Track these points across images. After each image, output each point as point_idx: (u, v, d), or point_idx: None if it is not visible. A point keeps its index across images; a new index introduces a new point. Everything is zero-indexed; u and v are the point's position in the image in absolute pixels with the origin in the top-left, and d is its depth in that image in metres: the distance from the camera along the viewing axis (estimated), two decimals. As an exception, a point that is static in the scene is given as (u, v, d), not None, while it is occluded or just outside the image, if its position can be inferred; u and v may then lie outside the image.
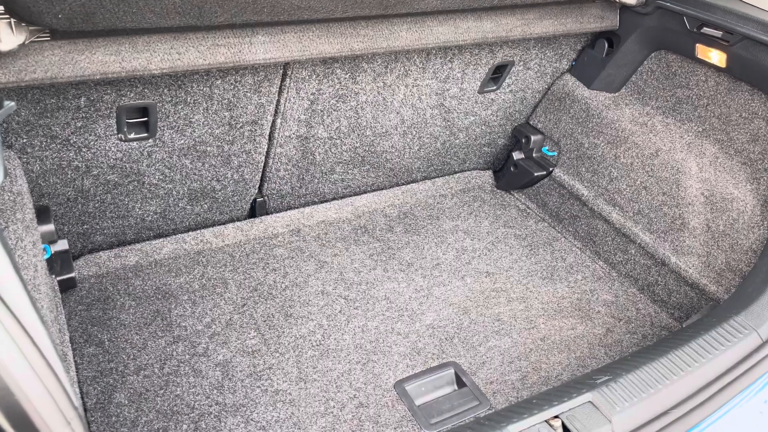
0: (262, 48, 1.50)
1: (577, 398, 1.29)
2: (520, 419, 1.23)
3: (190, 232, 2.08)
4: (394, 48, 1.69)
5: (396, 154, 2.25)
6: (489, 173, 2.61)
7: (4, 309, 0.71)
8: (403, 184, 2.45)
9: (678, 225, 1.95)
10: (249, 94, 1.71)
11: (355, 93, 1.89)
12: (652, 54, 2.06)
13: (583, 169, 2.26)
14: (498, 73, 2.14)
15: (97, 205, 1.81)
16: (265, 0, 1.31)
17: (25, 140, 1.51)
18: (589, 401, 1.29)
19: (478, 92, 2.17)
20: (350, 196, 2.34)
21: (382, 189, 2.40)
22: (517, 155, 2.46)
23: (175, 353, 1.70)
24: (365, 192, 2.37)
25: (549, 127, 2.36)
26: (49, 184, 1.66)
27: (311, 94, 1.81)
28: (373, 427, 1.57)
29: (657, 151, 2.01)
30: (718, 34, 1.74)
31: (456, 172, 2.56)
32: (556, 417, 1.27)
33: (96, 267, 1.93)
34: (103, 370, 1.63)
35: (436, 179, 2.51)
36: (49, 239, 1.66)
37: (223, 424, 1.54)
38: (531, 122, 2.44)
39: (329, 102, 1.87)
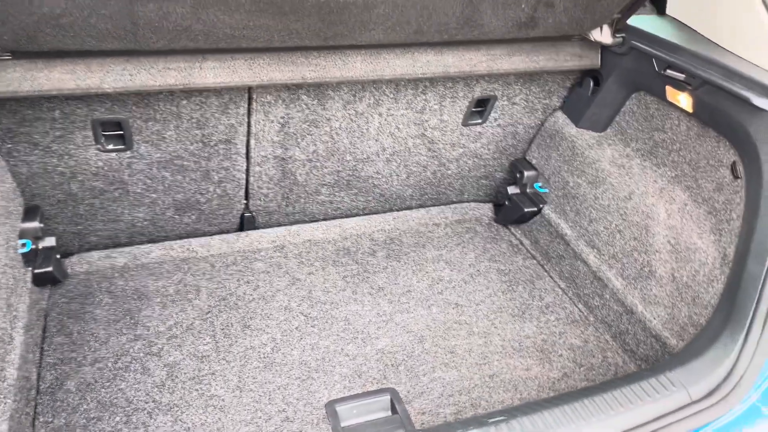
0: (212, 73, 1.62)
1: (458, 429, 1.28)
2: None
3: (179, 240, 2.23)
4: (348, 78, 1.76)
5: (383, 180, 2.30)
6: (489, 206, 2.60)
7: None
8: (396, 210, 2.48)
9: (646, 272, 1.86)
10: (217, 115, 1.83)
11: (327, 119, 1.97)
12: (633, 95, 1.99)
13: (568, 208, 2.20)
14: (482, 107, 2.15)
15: (87, 208, 1.99)
16: (198, 28, 1.43)
17: (10, 145, 1.71)
18: (470, 437, 1.28)
19: (462, 125, 2.18)
20: (340, 218, 2.41)
21: (374, 213, 2.45)
22: (512, 189, 2.43)
23: (131, 350, 1.83)
24: (356, 215, 2.43)
25: (541, 163, 2.33)
26: (39, 186, 1.86)
27: (281, 118, 1.91)
28: None
29: (630, 195, 1.93)
30: (682, 77, 1.67)
31: (453, 203, 2.56)
32: (430, 450, 1.27)
33: (87, 265, 2.11)
34: (64, 358, 1.79)
35: (431, 208, 2.53)
36: (34, 235, 1.85)
37: (152, 420, 1.64)
38: (527, 157, 2.41)
39: (301, 126, 1.96)
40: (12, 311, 1.61)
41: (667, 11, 1.90)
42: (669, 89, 1.75)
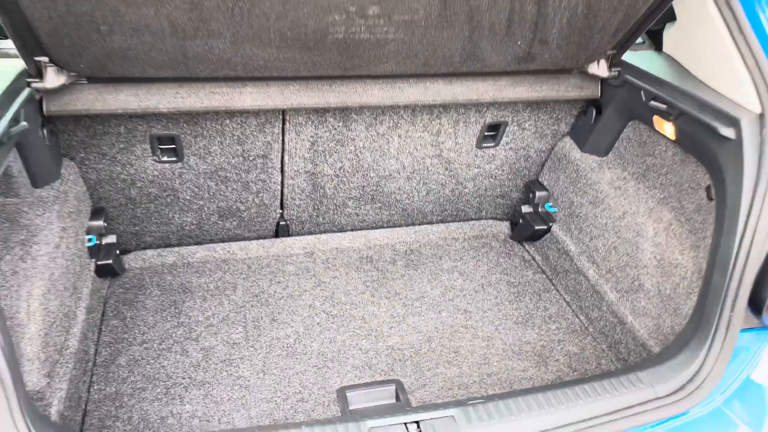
0: (250, 97, 1.90)
1: (443, 411, 1.47)
2: (382, 418, 1.44)
3: (221, 243, 2.51)
4: (367, 104, 2.01)
5: (405, 196, 2.53)
6: (505, 224, 2.78)
7: None
8: (418, 225, 2.70)
9: (636, 286, 2.02)
10: (255, 133, 2.11)
11: (351, 139, 2.22)
12: (629, 123, 2.16)
13: (573, 226, 2.37)
14: (494, 131, 2.36)
15: (143, 211, 2.30)
16: (237, 60, 1.71)
17: (82, 155, 2.03)
18: (452, 416, 1.47)
19: (476, 147, 2.39)
20: (365, 229, 2.65)
21: (397, 227, 2.68)
22: (525, 209, 2.62)
23: (174, 335, 2.11)
24: (380, 228, 2.66)
25: (552, 184, 2.51)
26: (104, 191, 2.18)
27: (310, 137, 2.18)
28: (302, 417, 1.84)
29: (624, 214, 2.09)
30: (664, 107, 1.84)
31: (472, 219, 2.76)
32: (416, 423, 1.47)
33: (141, 261, 2.42)
34: (118, 338, 2.08)
35: (450, 223, 2.73)
36: (98, 232, 2.17)
37: (187, 393, 1.90)
38: (540, 179, 2.59)
39: (328, 144, 2.22)
40: (77, 293, 1.91)
41: (663, 49, 2.08)
42: (656, 118, 1.92)
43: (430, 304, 2.33)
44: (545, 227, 2.53)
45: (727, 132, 1.59)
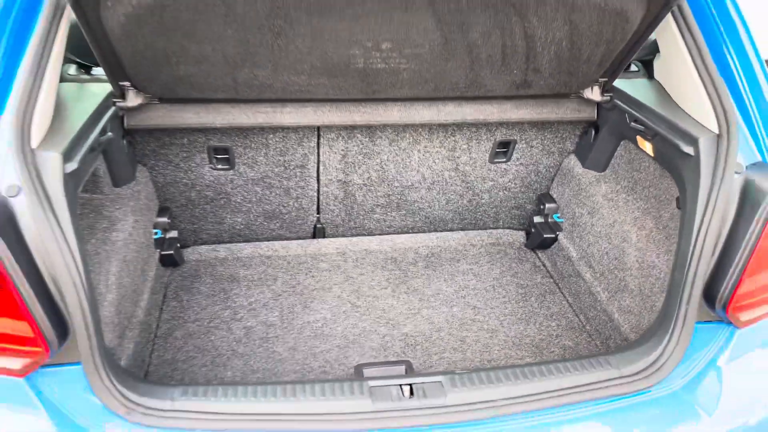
0: (289, 116, 2.28)
1: (433, 378, 1.77)
2: (381, 380, 1.75)
3: (266, 242, 2.89)
4: (388, 122, 2.35)
5: (427, 204, 2.85)
6: (521, 233, 3.05)
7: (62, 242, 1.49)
8: (439, 231, 3.01)
9: (622, 286, 2.26)
10: (294, 146, 2.49)
11: (377, 152, 2.57)
12: (621, 142, 2.41)
13: (575, 234, 2.63)
14: (505, 148, 2.66)
15: (201, 212, 2.71)
16: (277, 86, 2.09)
17: (153, 162, 2.46)
18: (440, 381, 1.76)
19: (490, 162, 2.69)
20: (392, 234, 2.97)
21: (420, 233, 2.99)
22: (537, 219, 2.88)
23: (221, 316, 2.49)
24: (405, 233, 2.98)
25: (559, 197, 2.78)
26: (169, 192, 2.59)
27: (341, 150, 2.54)
28: None
29: (614, 223, 2.34)
30: (642, 128, 2.10)
31: (490, 228, 3.05)
32: (409, 385, 1.77)
33: (198, 255, 2.82)
34: (175, 316, 2.48)
35: (470, 231, 3.03)
36: (163, 227, 2.58)
37: (230, 362, 2.26)
38: (550, 191, 2.86)
39: (357, 157, 2.57)
40: (144, 275, 2.32)
41: (654, 76, 2.33)
42: (639, 138, 2.17)
43: (444, 299, 2.62)
44: (553, 236, 2.79)
45: (688, 149, 1.84)
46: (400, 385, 1.76)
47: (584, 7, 1.82)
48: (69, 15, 1.68)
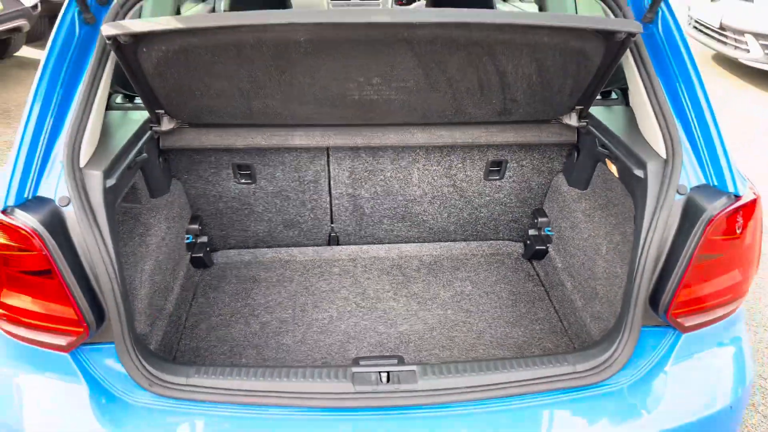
0: (300, 139, 2.62)
1: (408, 367, 2.05)
2: (363, 367, 2.05)
3: (285, 248, 3.24)
4: (387, 144, 2.66)
5: (430, 217, 3.14)
6: (519, 245, 3.30)
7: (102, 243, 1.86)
8: (443, 241, 3.29)
9: (594, 294, 2.49)
10: (307, 164, 2.83)
11: (381, 170, 2.88)
12: (598, 164, 2.64)
13: (561, 246, 2.87)
14: (498, 167, 2.92)
15: (227, 220, 3.08)
16: (287, 113, 2.43)
17: (185, 176, 2.84)
18: (414, 370, 2.04)
19: (485, 179, 2.96)
20: (399, 242, 3.27)
21: (425, 242, 3.28)
22: (531, 232, 3.13)
23: (241, 312, 2.84)
24: (411, 242, 3.28)
25: (550, 212, 3.02)
26: (200, 203, 2.97)
27: (349, 167, 2.86)
28: None
29: (589, 236, 2.58)
30: (606, 152, 2.33)
31: (490, 239, 3.31)
32: (387, 372, 2.05)
33: (225, 258, 3.19)
34: (202, 311, 2.84)
35: (471, 242, 3.29)
36: (194, 233, 2.96)
37: (245, 351, 2.60)
38: (543, 207, 3.10)
39: (363, 173, 2.89)
40: (175, 274, 2.70)
41: (630, 103, 2.55)
42: (607, 161, 2.41)
43: (440, 303, 2.90)
44: (544, 248, 3.03)
45: (639, 172, 2.08)
46: (379, 372, 2.06)
47: (546, 48, 2.09)
48: (114, 56, 2.07)
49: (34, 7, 7.96)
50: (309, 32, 1.93)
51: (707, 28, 8.71)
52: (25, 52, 9.08)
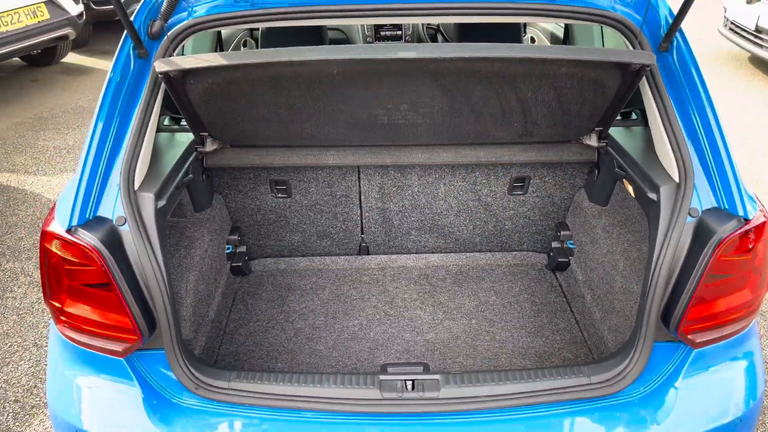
0: (332, 158, 2.79)
1: (431, 375, 2.20)
2: (390, 375, 2.20)
3: (319, 257, 3.42)
4: (414, 163, 2.81)
5: (456, 229, 3.28)
6: (543, 256, 3.42)
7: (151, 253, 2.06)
8: (469, 252, 3.42)
9: (611, 308, 2.60)
10: (339, 180, 3.00)
11: (408, 185, 3.03)
12: (617, 182, 2.74)
13: (581, 260, 2.98)
14: (521, 182, 3.05)
15: (265, 231, 3.27)
16: (320, 136, 2.60)
17: (227, 191, 3.04)
18: (437, 379, 2.19)
19: (509, 194, 3.09)
20: (426, 253, 3.42)
21: (451, 253, 3.42)
22: (555, 244, 3.24)
23: (276, 318, 3.02)
24: (438, 252, 3.42)
25: (572, 225, 3.13)
26: (239, 215, 3.17)
27: (378, 183, 3.02)
28: None
29: (608, 252, 2.69)
30: (623, 173, 2.44)
31: (515, 251, 3.43)
32: (412, 381, 2.20)
33: (262, 266, 3.39)
34: (241, 317, 3.04)
35: (496, 253, 3.42)
36: (234, 244, 3.16)
37: (280, 356, 2.79)
38: (566, 220, 3.21)
39: (392, 189, 3.05)
40: (216, 282, 2.90)
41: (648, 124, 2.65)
42: (624, 181, 2.52)
43: (464, 312, 3.04)
44: (566, 260, 3.14)
45: (652, 195, 2.19)
46: (404, 381, 2.22)
47: (565, 77, 2.21)
48: (164, 86, 2.26)
49: (80, 15, 8.32)
50: (341, 66, 2.09)
51: (743, 30, 8.61)
52: (71, 58, 9.47)
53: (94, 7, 8.99)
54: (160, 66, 2.05)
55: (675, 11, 2.16)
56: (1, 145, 6.55)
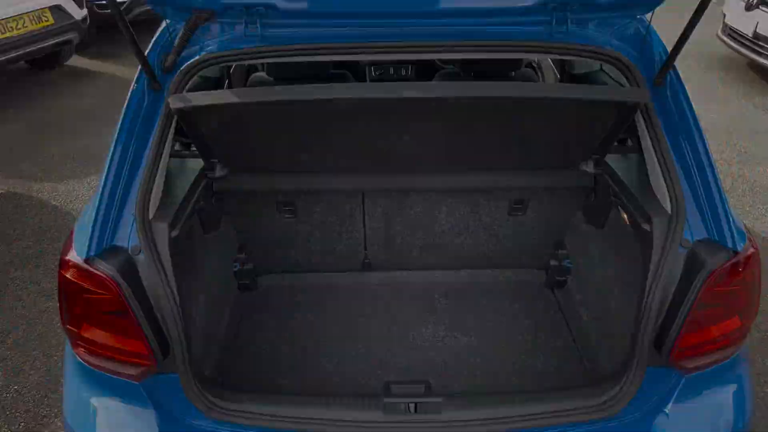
0: (337, 183, 2.89)
1: (434, 398, 2.29)
2: (392, 397, 2.29)
3: (323, 273, 3.51)
4: (414, 188, 2.91)
5: (457, 247, 3.37)
6: (542, 273, 3.51)
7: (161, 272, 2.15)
8: (470, 269, 3.51)
9: (606, 331, 2.70)
10: (343, 202, 3.09)
11: (410, 207, 3.12)
12: (612, 207, 2.83)
13: (578, 280, 3.07)
14: (520, 204, 3.14)
15: (272, 248, 3.36)
16: (327, 163, 2.69)
17: (235, 212, 3.13)
18: (440, 401, 2.28)
19: (509, 215, 3.18)
20: (428, 269, 3.51)
21: (452, 269, 3.51)
22: (553, 262, 3.33)
23: (282, 336, 3.12)
24: (440, 269, 3.51)
25: (569, 245, 3.22)
26: (247, 234, 3.26)
27: (381, 205, 3.11)
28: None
29: (603, 275, 2.78)
30: (617, 201, 2.53)
31: (515, 268, 3.52)
32: (414, 403, 2.29)
33: (269, 281, 3.48)
34: (248, 335, 3.13)
35: (496, 269, 3.51)
36: (242, 261, 3.25)
37: (287, 373, 2.88)
38: (565, 240, 3.30)
39: (395, 210, 3.14)
40: (225, 300, 2.99)
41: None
42: (619, 207, 2.61)
43: (464, 329, 3.14)
44: (564, 279, 3.23)
45: (645, 226, 2.28)
46: (407, 403, 2.30)
47: (562, 112, 2.30)
48: (175, 118, 2.35)
49: (84, 20, 8.39)
50: (347, 103, 2.18)
51: (741, 36, 8.68)
52: (75, 61, 9.53)
53: (98, 11, 9.06)
54: (174, 103, 2.13)
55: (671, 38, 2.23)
56: (8, 152, 6.63)
